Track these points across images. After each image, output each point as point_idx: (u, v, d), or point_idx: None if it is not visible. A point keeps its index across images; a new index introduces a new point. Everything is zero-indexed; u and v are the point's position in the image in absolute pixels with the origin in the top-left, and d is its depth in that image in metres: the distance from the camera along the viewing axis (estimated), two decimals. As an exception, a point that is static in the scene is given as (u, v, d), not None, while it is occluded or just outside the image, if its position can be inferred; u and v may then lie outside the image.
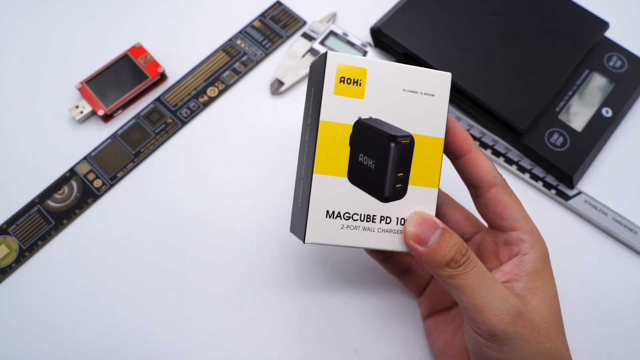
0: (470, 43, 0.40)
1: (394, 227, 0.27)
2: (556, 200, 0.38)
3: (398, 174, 0.27)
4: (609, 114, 0.39)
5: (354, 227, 0.27)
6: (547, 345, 0.25)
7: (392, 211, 0.27)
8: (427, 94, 0.27)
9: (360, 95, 0.26)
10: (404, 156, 0.27)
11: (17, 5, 0.45)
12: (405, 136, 0.27)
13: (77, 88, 0.40)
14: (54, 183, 0.38)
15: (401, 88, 0.27)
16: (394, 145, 0.26)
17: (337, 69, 0.26)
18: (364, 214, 0.27)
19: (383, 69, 0.27)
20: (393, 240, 0.27)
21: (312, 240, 0.26)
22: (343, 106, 0.26)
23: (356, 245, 0.27)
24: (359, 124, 0.26)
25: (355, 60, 0.26)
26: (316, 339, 0.33)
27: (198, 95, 0.41)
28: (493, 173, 0.28)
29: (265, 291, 0.35)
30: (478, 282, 0.25)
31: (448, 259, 0.25)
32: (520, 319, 0.24)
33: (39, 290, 0.35)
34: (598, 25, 0.40)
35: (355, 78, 0.26)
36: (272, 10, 0.45)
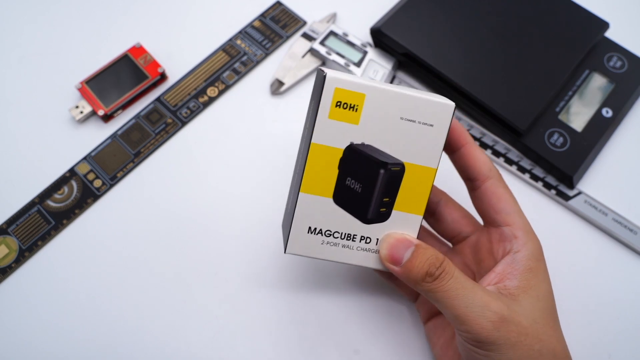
0: (470, 43, 0.40)
1: (372, 246, 0.28)
2: (556, 201, 0.38)
3: (384, 199, 0.27)
4: (609, 114, 0.39)
5: (333, 243, 0.27)
6: (537, 347, 0.25)
7: (373, 232, 0.27)
8: (426, 123, 0.27)
9: (355, 121, 0.26)
10: (392, 182, 0.27)
11: (17, 5, 0.45)
12: (396, 163, 0.27)
13: (77, 88, 0.40)
14: (53, 183, 0.38)
15: (399, 116, 0.26)
16: (383, 172, 0.27)
17: (334, 93, 0.26)
18: (345, 232, 0.27)
19: (382, 95, 0.26)
20: (371, 258, 0.28)
21: (292, 251, 0.27)
22: (336, 130, 0.26)
23: (333, 259, 0.28)
24: (350, 149, 0.26)
25: (354, 85, 0.26)
26: (316, 339, 0.33)
27: (198, 96, 0.41)
28: (488, 166, 0.29)
29: (265, 291, 0.35)
30: (456, 292, 0.25)
31: (423, 274, 0.25)
32: (504, 324, 0.24)
33: (38, 291, 0.35)
34: (598, 25, 0.40)
35: (352, 103, 0.26)
36: (272, 11, 0.45)
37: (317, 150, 0.26)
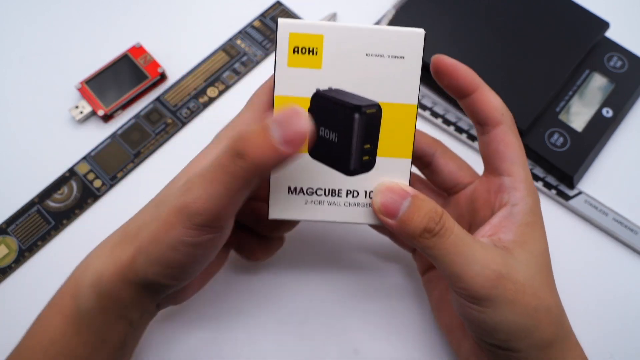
0: (470, 43, 0.40)
1: (362, 200, 0.25)
2: (556, 201, 0.38)
3: (365, 146, 0.25)
4: (610, 114, 0.39)
5: (318, 202, 0.25)
6: (534, 304, 0.24)
7: (359, 184, 0.25)
8: (395, 56, 0.24)
9: (318, 64, 0.24)
10: (371, 127, 0.25)
11: (17, 5, 0.45)
12: (370, 105, 0.25)
13: (77, 88, 0.40)
14: (53, 183, 0.38)
15: (364, 53, 0.24)
16: (359, 116, 0.24)
17: (289, 38, 0.24)
18: (329, 188, 0.25)
19: (342, 33, 0.24)
20: (361, 213, 0.25)
21: (275, 216, 0.26)
22: (299, 78, 0.24)
23: (322, 219, 0.25)
24: (317, 96, 0.25)
25: (309, 26, 0.24)
26: (316, 339, 0.33)
27: (198, 96, 0.41)
28: (501, 111, 0.27)
29: (264, 291, 0.35)
30: (456, 249, 0.23)
31: (421, 229, 0.24)
32: (502, 281, 0.23)
33: (38, 291, 0.35)
34: (598, 25, 0.40)
35: (311, 46, 0.24)
36: (272, 11, 0.45)
37: (282, 103, 0.25)
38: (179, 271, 0.25)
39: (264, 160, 0.22)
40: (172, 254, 0.24)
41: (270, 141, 0.22)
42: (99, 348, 0.26)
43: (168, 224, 0.24)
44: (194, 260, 0.25)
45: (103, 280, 0.26)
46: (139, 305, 0.27)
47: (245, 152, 0.22)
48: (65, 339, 0.26)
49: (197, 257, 0.25)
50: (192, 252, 0.24)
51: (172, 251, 0.24)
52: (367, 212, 0.26)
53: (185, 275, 0.26)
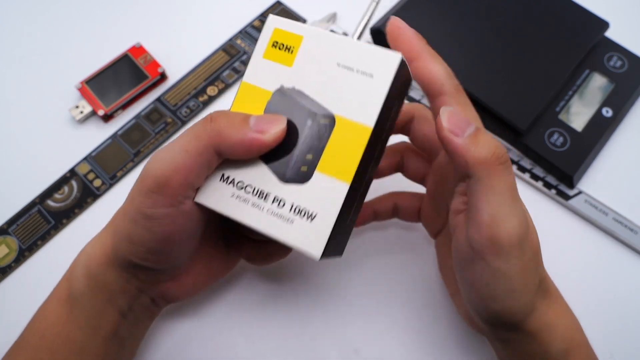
0: (470, 43, 0.40)
1: (285, 213, 0.24)
2: (556, 200, 0.38)
3: (306, 156, 0.24)
4: (609, 114, 0.39)
5: (244, 199, 0.24)
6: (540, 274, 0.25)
7: (288, 195, 0.24)
8: (365, 73, 0.24)
9: (289, 62, 0.24)
10: (318, 137, 0.24)
11: (17, 5, 0.45)
12: (325, 115, 0.24)
13: (77, 88, 0.40)
14: (54, 183, 0.38)
15: (336, 62, 0.24)
16: (310, 123, 0.24)
17: (272, 32, 0.25)
18: (258, 188, 0.24)
19: (321, 38, 0.24)
20: (280, 227, 0.24)
21: (201, 200, 0.24)
22: (269, 71, 0.25)
23: (240, 220, 0.24)
24: (279, 92, 0.24)
25: (294, 26, 0.25)
26: (316, 338, 0.33)
27: (198, 95, 0.41)
28: (442, 80, 0.25)
29: (264, 290, 0.35)
30: (509, 193, 0.23)
31: (487, 153, 0.23)
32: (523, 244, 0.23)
33: (38, 290, 0.35)
34: (598, 25, 0.40)
35: (288, 44, 0.25)
36: (272, 10, 0.45)
37: (246, 90, 0.25)
38: (143, 249, 0.25)
39: (230, 134, 0.23)
40: (133, 228, 0.24)
41: (244, 122, 0.23)
42: (91, 334, 0.26)
43: (131, 195, 0.24)
44: (154, 236, 0.24)
45: (91, 263, 0.26)
46: (125, 292, 0.27)
47: (216, 119, 0.23)
48: (61, 324, 0.26)
49: (157, 234, 0.24)
50: (150, 226, 0.24)
51: (134, 224, 0.24)
52: (286, 227, 0.24)
53: (152, 256, 0.25)
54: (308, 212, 0.24)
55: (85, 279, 0.26)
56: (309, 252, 0.23)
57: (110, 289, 0.26)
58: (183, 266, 0.28)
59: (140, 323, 0.29)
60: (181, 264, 0.28)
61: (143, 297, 0.28)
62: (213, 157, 0.24)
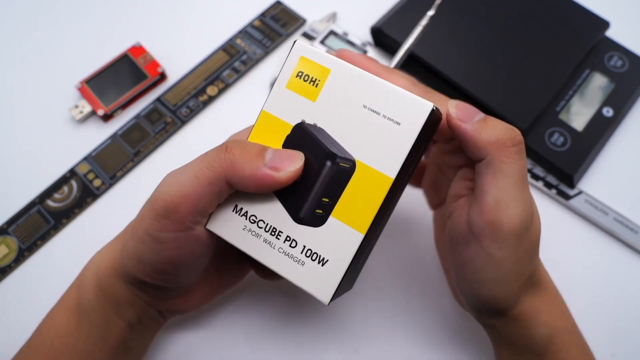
0: (471, 42, 0.40)
1: (296, 254, 0.23)
2: (557, 200, 0.38)
3: (323, 199, 0.23)
4: (610, 114, 0.39)
5: (255, 233, 0.24)
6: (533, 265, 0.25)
7: (301, 236, 0.23)
8: (392, 119, 0.22)
9: (313, 97, 0.23)
10: (337, 181, 0.23)
11: (17, 5, 0.45)
12: (346, 159, 0.23)
13: (77, 88, 0.40)
14: (54, 183, 0.38)
15: (362, 103, 0.23)
16: (330, 164, 0.23)
17: (298, 61, 0.24)
18: (271, 225, 0.24)
19: (349, 74, 0.23)
20: (291, 268, 0.23)
21: (212, 228, 0.24)
22: (291, 103, 0.24)
23: (250, 254, 0.24)
24: (299, 127, 0.23)
25: (322, 57, 0.23)
26: (316, 338, 0.33)
27: (198, 95, 0.41)
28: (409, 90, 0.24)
29: (264, 290, 0.35)
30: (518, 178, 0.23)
31: (498, 134, 0.23)
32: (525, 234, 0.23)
33: (38, 290, 0.35)
34: (598, 24, 0.40)
35: (314, 77, 0.23)
36: (272, 10, 0.45)
37: (265, 120, 0.24)
38: (151, 269, 0.25)
39: (243, 167, 0.22)
40: (141, 248, 0.24)
41: (259, 156, 0.22)
42: (98, 345, 0.26)
43: (141, 215, 0.24)
44: (161, 259, 0.24)
45: (101, 274, 0.26)
46: (133, 305, 0.27)
47: (232, 149, 0.23)
48: (69, 333, 0.26)
49: (164, 256, 0.24)
50: (157, 248, 0.24)
51: (141, 244, 0.24)
52: (296, 268, 0.23)
53: (160, 276, 0.25)
54: (320, 257, 0.23)
55: (95, 290, 0.26)
56: (318, 296, 0.23)
57: (118, 301, 0.26)
58: (192, 283, 0.28)
59: (147, 333, 0.29)
60: (190, 284, 0.27)
61: (151, 310, 0.28)
62: (224, 187, 0.23)
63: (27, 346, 0.28)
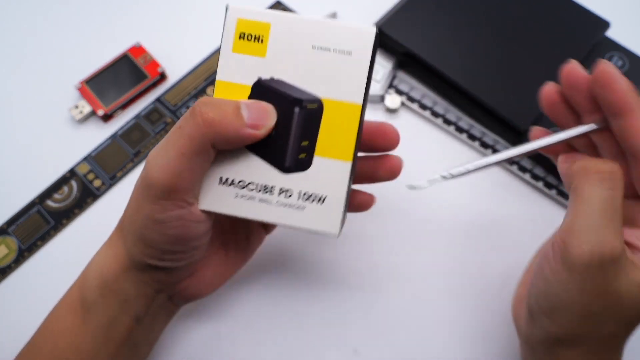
0: (471, 42, 0.40)
1: (294, 201, 0.24)
2: (557, 200, 0.38)
3: (302, 143, 0.24)
4: (610, 114, 0.39)
5: (249, 197, 0.24)
6: (605, 332, 0.23)
7: (293, 184, 0.24)
8: (343, 51, 0.24)
9: (262, 53, 0.24)
10: (310, 123, 0.24)
11: (17, 5, 0.45)
12: (312, 100, 0.24)
13: (77, 88, 0.40)
14: (54, 183, 0.38)
15: (311, 45, 0.24)
16: (299, 110, 0.24)
17: (236, 23, 0.24)
18: (261, 184, 0.24)
19: (290, 23, 0.24)
20: (292, 215, 0.24)
21: (205, 207, 0.24)
22: (242, 65, 0.24)
23: (251, 217, 0.24)
24: (258, 85, 0.24)
25: (257, 14, 0.24)
26: (316, 338, 0.33)
27: (198, 95, 0.41)
28: None
29: (264, 290, 0.35)
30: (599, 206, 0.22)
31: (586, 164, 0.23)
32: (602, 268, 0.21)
33: (38, 290, 0.35)
34: (599, 24, 0.40)
35: (257, 34, 0.24)
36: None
37: (223, 89, 0.24)
38: (159, 251, 0.25)
39: (224, 130, 0.23)
40: (146, 233, 0.24)
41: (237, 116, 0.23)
42: (103, 344, 0.26)
43: (137, 202, 0.24)
44: (168, 239, 0.24)
45: (105, 272, 0.26)
46: (141, 296, 0.26)
47: (204, 112, 0.23)
48: (73, 333, 0.26)
49: (170, 236, 0.24)
50: (162, 230, 0.24)
51: (145, 230, 0.24)
52: (299, 214, 0.24)
53: (168, 256, 0.25)
54: (317, 196, 0.24)
55: (99, 289, 0.26)
56: (327, 231, 0.24)
57: (125, 297, 0.26)
58: (200, 260, 0.28)
59: (155, 326, 0.29)
60: (198, 259, 0.27)
61: (160, 297, 0.27)
62: (210, 152, 0.23)
63: (30, 346, 0.28)
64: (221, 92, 0.24)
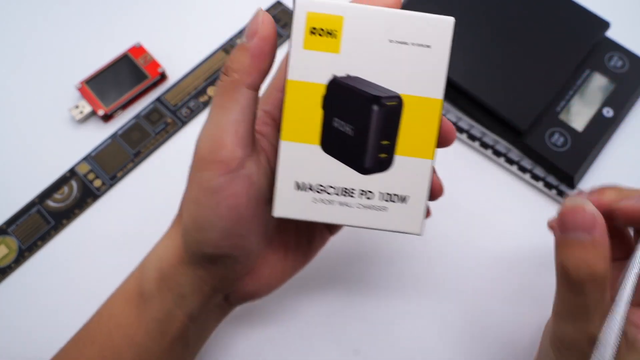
0: (471, 43, 0.40)
1: (376, 202, 0.23)
2: (557, 201, 0.38)
3: (382, 142, 0.23)
4: (610, 114, 0.39)
5: (328, 201, 0.24)
6: None
7: (374, 185, 0.23)
8: (421, 44, 0.23)
9: (335, 49, 0.23)
10: (390, 121, 0.23)
11: (17, 5, 0.45)
12: (391, 97, 0.23)
13: (77, 88, 0.40)
14: (54, 183, 0.38)
15: (387, 39, 0.23)
16: (377, 108, 0.23)
17: (306, 18, 0.23)
18: (341, 187, 0.23)
19: (365, 15, 0.23)
20: (375, 217, 0.24)
21: (281, 213, 0.24)
22: (315, 62, 0.23)
23: (332, 221, 0.24)
24: (333, 83, 0.23)
25: (329, 6, 0.23)
26: (316, 339, 0.33)
27: (198, 95, 0.41)
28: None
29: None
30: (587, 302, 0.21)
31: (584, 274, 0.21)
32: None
33: (38, 291, 0.35)
34: (599, 25, 0.40)
35: (329, 28, 0.23)
36: (273, 10, 0.45)
37: (295, 89, 0.23)
38: (213, 234, 0.24)
39: (242, 65, 0.23)
40: (198, 211, 0.23)
41: (243, 46, 0.23)
42: (157, 339, 0.26)
43: (189, 182, 0.24)
44: (220, 213, 0.23)
45: (163, 265, 0.26)
46: (197, 292, 0.26)
47: (227, 67, 0.23)
48: (128, 325, 0.26)
49: (222, 209, 0.23)
50: (214, 202, 0.23)
51: (197, 207, 0.23)
52: (380, 215, 0.24)
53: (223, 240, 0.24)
54: (399, 196, 0.24)
55: (157, 282, 0.26)
56: (410, 231, 0.24)
57: (182, 291, 0.25)
58: (258, 252, 0.27)
59: (208, 324, 0.28)
60: (255, 248, 0.26)
61: (217, 296, 0.27)
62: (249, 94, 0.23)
63: (83, 334, 0.27)
64: (293, 92, 0.23)
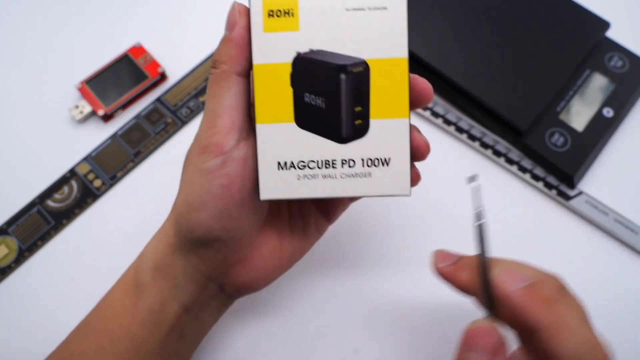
0: (471, 43, 0.40)
1: (359, 170, 0.24)
2: (557, 201, 0.38)
3: (355, 109, 0.23)
4: (610, 114, 0.39)
5: (311, 176, 0.24)
6: None
7: (355, 152, 0.23)
8: (378, 7, 0.23)
9: (295, 26, 0.23)
10: (359, 87, 0.23)
11: (17, 5, 0.45)
12: (356, 63, 0.23)
13: (77, 88, 0.40)
14: (54, 183, 0.38)
15: (344, 8, 0.23)
16: (345, 77, 0.23)
17: (262, 2, 0.23)
18: (322, 160, 0.24)
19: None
20: (360, 185, 0.24)
21: (267, 196, 0.24)
22: (277, 44, 0.23)
23: (318, 195, 0.24)
24: (298, 59, 0.23)
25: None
26: (316, 338, 0.33)
27: (198, 95, 0.41)
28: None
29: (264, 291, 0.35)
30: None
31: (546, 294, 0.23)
32: None
33: (38, 290, 0.35)
34: (599, 25, 0.40)
35: (286, 8, 0.23)
36: (273, 10, 0.45)
37: (262, 72, 0.23)
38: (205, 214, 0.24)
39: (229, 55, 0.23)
40: (190, 192, 0.24)
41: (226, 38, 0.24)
42: (152, 330, 0.26)
43: (185, 166, 0.25)
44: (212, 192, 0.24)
45: (158, 255, 0.26)
46: (191, 281, 0.26)
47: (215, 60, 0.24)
48: (123, 315, 0.27)
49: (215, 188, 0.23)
50: (206, 181, 0.23)
51: (190, 188, 0.24)
52: (366, 182, 0.24)
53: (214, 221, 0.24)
54: (381, 160, 0.24)
55: (152, 272, 0.26)
56: (399, 193, 0.24)
57: (176, 282, 0.26)
58: (250, 238, 0.27)
59: (205, 317, 0.28)
60: (246, 232, 0.26)
61: (211, 286, 0.27)
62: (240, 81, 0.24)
63: (87, 321, 0.28)
64: (261, 75, 0.23)
